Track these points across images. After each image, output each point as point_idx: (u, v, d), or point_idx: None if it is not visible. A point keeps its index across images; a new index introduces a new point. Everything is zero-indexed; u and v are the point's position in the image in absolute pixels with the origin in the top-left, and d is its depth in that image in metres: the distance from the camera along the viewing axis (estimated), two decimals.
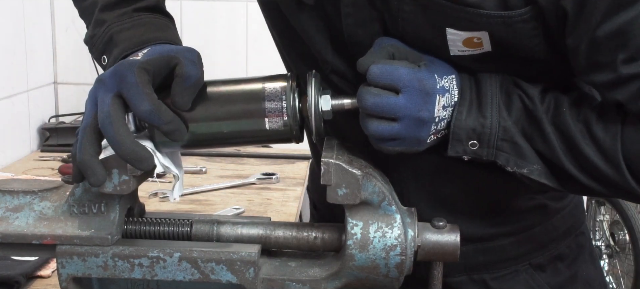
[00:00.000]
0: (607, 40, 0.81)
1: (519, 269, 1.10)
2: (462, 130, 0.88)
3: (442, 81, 0.86)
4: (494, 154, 0.88)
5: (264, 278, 0.84)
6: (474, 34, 0.85)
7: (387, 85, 0.84)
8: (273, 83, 0.85)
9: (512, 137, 0.88)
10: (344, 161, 0.83)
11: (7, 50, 2.21)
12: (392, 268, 0.83)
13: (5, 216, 0.85)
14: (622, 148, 0.85)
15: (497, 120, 0.87)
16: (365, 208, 0.84)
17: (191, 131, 0.85)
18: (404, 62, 0.85)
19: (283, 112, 0.84)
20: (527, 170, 0.89)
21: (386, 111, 0.84)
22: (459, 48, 0.87)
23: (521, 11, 0.82)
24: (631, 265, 3.17)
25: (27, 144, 2.35)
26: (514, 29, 0.84)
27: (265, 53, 2.40)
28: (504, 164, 0.89)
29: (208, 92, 0.86)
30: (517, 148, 0.88)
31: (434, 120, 0.86)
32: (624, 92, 0.83)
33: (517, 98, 0.88)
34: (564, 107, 0.87)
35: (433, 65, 0.87)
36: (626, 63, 0.81)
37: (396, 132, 0.85)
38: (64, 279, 0.84)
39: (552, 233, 1.11)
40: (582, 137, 0.86)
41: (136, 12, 1.00)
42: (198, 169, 2.15)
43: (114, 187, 0.82)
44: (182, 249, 0.83)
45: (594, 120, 0.86)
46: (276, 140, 0.87)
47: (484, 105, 0.88)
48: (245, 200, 1.92)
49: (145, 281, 0.86)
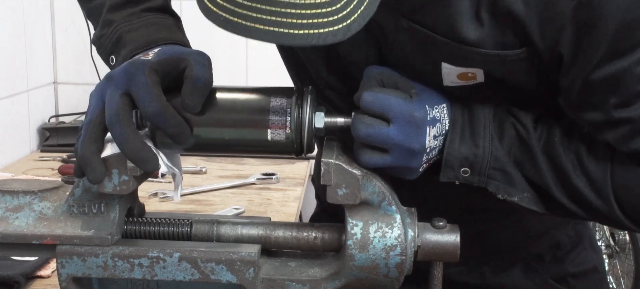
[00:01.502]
0: (601, 84, 0.82)
1: (516, 259, 1.11)
2: (455, 158, 0.88)
3: (433, 111, 0.86)
4: (485, 182, 0.89)
5: (264, 278, 0.84)
6: (469, 70, 0.86)
7: (378, 113, 0.84)
8: (279, 96, 0.85)
9: (504, 166, 0.89)
10: (344, 162, 0.83)
11: (7, 50, 2.21)
12: (392, 268, 0.83)
13: (5, 216, 0.85)
14: (611, 183, 0.87)
15: (490, 149, 0.88)
16: (365, 208, 0.84)
17: (193, 135, 0.85)
18: (397, 91, 0.86)
19: (286, 125, 0.84)
20: (518, 198, 0.90)
21: (377, 142, 0.84)
22: (452, 81, 0.88)
23: (517, 52, 0.83)
24: (631, 265, 3.17)
25: (27, 144, 2.35)
26: (509, 66, 0.85)
27: (266, 54, 2.40)
28: (495, 191, 0.90)
29: (213, 97, 0.86)
30: (508, 177, 0.89)
31: (426, 150, 0.86)
32: (613, 133, 0.85)
33: (510, 126, 0.89)
34: (556, 136, 0.88)
35: (424, 94, 0.87)
36: (618, 107, 0.83)
37: (388, 163, 0.85)
38: (64, 279, 0.84)
39: (547, 222, 1.12)
40: (573, 169, 0.88)
41: (144, 13, 0.99)
42: (198, 169, 2.14)
43: (114, 187, 0.82)
44: (182, 249, 0.83)
45: (585, 153, 0.88)
46: (277, 152, 0.87)
47: (476, 134, 0.88)
48: (245, 200, 1.92)
49: (145, 281, 0.86)
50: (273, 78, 0.95)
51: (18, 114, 2.29)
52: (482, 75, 0.87)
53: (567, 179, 0.88)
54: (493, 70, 0.86)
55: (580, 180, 0.88)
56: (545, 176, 0.88)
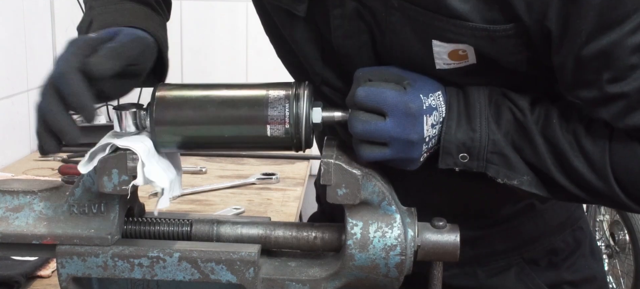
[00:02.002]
0: (592, 59, 0.81)
1: (511, 263, 1.11)
2: (452, 143, 0.88)
3: (428, 100, 0.86)
4: (484, 166, 0.89)
5: (264, 277, 0.84)
6: (459, 47, 0.86)
7: (374, 107, 0.84)
8: (277, 91, 0.85)
9: (502, 149, 0.88)
10: (344, 162, 0.83)
11: (7, 50, 2.21)
12: (392, 267, 0.83)
13: (5, 216, 0.85)
14: (610, 162, 0.86)
15: (487, 133, 0.88)
16: (365, 208, 0.84)
17: (192, 133, 0.85)
18: (390, 84, 0.85)
19: (285, 120, 0.84)
20: (518, 182, 0.89)
21: (375, 137, 0.84)
22: (444, 61, 0.88)
23: (505, 27, 0.83)
24: (631, 265, 3.17)
25: (27, 144, 2.35)
26: (497, 44, 0.84)
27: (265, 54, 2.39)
28: (494, 176, 0.89)
29: (211, 95, 0.86)
30: (506, 160, 0.89)
31: (425, 140, 0.86)
32: (609, 110, 0.84)
33: (506, 110, 0.89)
34: (554, 118, 0.88)
35: (417, 84, 0.86)
36: (611, 82, 0.82)
37: (388, 156, 0.85)
38: (64, 279, 0.84)
39: (541, 227, 1.12)
40: (572, 149, 0.87)
41: (122, 1, 1.01)
42: (198, 169, 2.14)
43: (114, 187, 0.82)
44: (182, 249, 0.83)
45: (583, 133, 0.87)
46: (277, 148, 0.87)
47: (472, 118, 0.88)
48: (245, 200, 1.92)
49: (145, 281, 0.86)
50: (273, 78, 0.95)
51: (18, 114, 2.29)
52: (474, 55, 0.87)
53: (566, 160, 0.87)
54: (482, 47, 0.85)
55: (578, 160, 0.87)
56: (544, 159, 0.88)
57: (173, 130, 0.85)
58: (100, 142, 0.84)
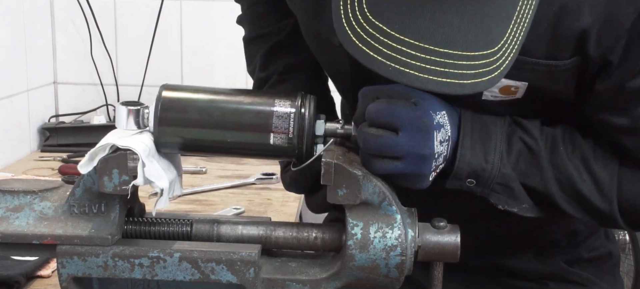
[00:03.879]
0: (635, 92, 0.85)
1: (530, 244, 1.12)
2: (464, 170, 0.90)
3: (436, 117, 0.86)
4: (488, 194, 0.91)
5: (264, 278, 0.84)
6: (512, 83, 0.88)
7: (386, 123, 0.84)
8: (282, 101, 0.85)
9: (508, 182, 0.91)
10: (344, 162, 0.83)
11: (7, 50, 2.21)
12: (393, 268, 0.83)
13: (5, 216, 0.85)
14: (618, 188, 0.90)
15: (498, 166, 0.90)
16: (365, 208, 0.84)
17: (194, 136, 0.85)
18: (400, 100, 0.86)
19: (289, 130, 0.84)
20: (517, 209, 0.93)
21: (389, 151, 0.84)
22: (492, 94, 0.90)
23: (566, 62, 0.85)
24: (631, 265, 3.17)
25: (27, 144, 2.35)
26: (554, 77, 0.87)
27: None
28: (495, 202, 0.92)
29: (216, 100, 0.86)
30: (510, 191, 0.91)
31: (435, 156, 0.86)
32: (634, 140, 0.88)
33: (518, 140, 0.91)
34: (560, 144, 0.91)
35: (425, 102, 0.86)
36: None
37: (400, 169, 0.85)
38: (64, 279, 0.84)
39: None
40: (578, 173, 0.90)
41: None
42: (198, 169, 2.14)
43: (114, 187, 0.82)
44: (182, 249, 0.83)
45: (591, 157, 0.90)
46: (278, 156, 0.88)
47: (488, 151, 0.90)
48: (245, 200, 1.92)
49: (146, 281, 0.86)
50: None
51: (18, 114, 2.29)
52: (523, 91, 0.89)
53: (572, 184, 0.90)
54: (538, 81, 0.87)
55: (585, 184, 0.90)
56: (550, 185, 0.90)
57: (176, 132, 0.85)
58: (101, 142, 0.84)
